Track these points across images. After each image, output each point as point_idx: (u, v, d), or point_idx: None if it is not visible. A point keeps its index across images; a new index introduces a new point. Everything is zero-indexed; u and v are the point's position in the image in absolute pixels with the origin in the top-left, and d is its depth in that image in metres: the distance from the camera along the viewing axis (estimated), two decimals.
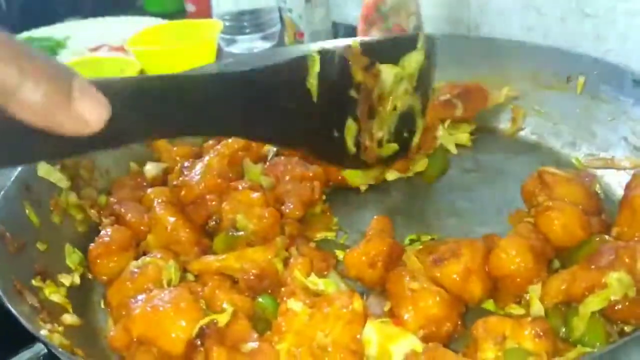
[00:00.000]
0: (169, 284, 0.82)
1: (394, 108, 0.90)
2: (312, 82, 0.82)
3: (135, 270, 0.83)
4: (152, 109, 0.66)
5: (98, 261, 0.89)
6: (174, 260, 0.85)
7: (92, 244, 0.91)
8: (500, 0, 1.48)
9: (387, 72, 0.88)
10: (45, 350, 0.82)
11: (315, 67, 0.82)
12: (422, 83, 0.93)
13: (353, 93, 0.86)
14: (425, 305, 0.73)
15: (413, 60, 0.90)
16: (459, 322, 0.75)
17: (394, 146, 0.93)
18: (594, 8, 1.30)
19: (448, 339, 0.74)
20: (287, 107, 0.81)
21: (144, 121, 0.65)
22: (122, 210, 0.95)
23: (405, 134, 0.95)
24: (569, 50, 1.14)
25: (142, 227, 0.93)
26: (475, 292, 0.78)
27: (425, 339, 0.71)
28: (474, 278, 0.78)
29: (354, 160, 0.91)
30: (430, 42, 0.92)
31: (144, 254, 0.89)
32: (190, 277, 0.86)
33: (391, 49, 0.91)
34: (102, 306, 0.87)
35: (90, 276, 0.91)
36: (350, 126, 0.87)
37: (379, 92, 0.88)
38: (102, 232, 0.91)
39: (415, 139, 0.96)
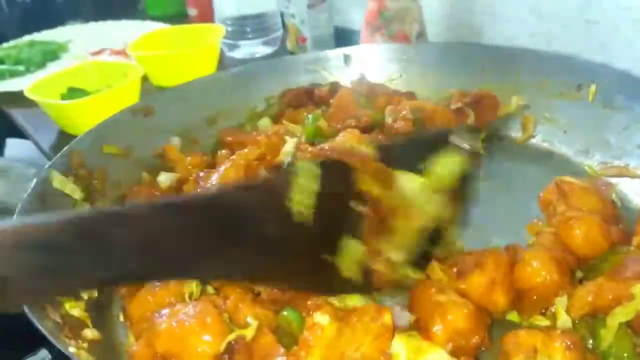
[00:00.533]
0: (190, 298, 0.82)
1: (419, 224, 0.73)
2: (296, 198, 0.67)
3: (157, 283, 0.83)
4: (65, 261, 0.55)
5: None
6: None
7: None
8: (503, 6, 1.49)
9: (408, 181, 0.71)
10: (50, 357, 0.82)
11: (300, 179, 0.67)
12: (459, 193, 0.75)
13: (354, 205, 0.70)
14: (454, 318, 0.73)
15: (446, 168, 0.72)
16: (486, 335, 0.75)
17: (414, 272, 0.77)
18: (596, 15, 1.31)
19: (476, 351, 0.74)
20: (261, 235, 0.67)
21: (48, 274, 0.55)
22: None
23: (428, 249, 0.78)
24: (578, 58, 1.14)
25: None
26: (500, 303, 0.78)
27: (453, 353, 0.71)
28: (498, 289, 0.78)
29: (354, 287, 0.75)
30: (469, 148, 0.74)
31: None
32: (210, 290, 0.85)
33: (415, 150, 0.73)
34: (121, 320, 0.86)
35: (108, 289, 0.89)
36: (351, 247, 0.72)
37: (394, 203, 0.71)
38: None
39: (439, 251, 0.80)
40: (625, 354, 0.70)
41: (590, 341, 0.73)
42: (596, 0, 1.29)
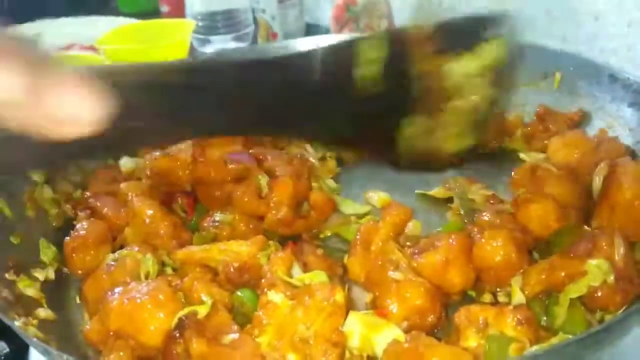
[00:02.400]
0: (146, 277, 0.81)
1: (470, 103, 0.73)
2: (361, 72, 0.68)
3: (112, 263, 0.82)
4: (174, 103, 0.58)
5: (74, 255, 0.87)
6: (152, 254, 0.84)
7: (67, 238, 0.89)
8: (469, 3, 1.50)
9: (462, 63, 0.71)
10: (7, 350, 0.81)
11: (369, 53, 0.68)
12: (505, 74, 0.74)
13: (413, 83, 0.70)
14: (410, 297, 0.73)
15: (493, 49, 0.71)
16: (443, 314, 0.75)
17: (469, 141, 0.75)
18: (560, 10, 1.32)
19: (431, 330, 0.74)
20: (330, 99, 0.69)
21: (163, 118, 0.58)
22: (98, 204, 0.94)
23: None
24: (545, 47, 1.15)
25: (118, 221, 0.92)
26: (455, 281, 0.78)
27: (409, 330, 0.70)
28: (452, 269, 0.78)
29: (414, 162, 0.75)
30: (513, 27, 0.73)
31: (121, 248, 0.87)
32: (168, 271, 0.85)
33: (467, 33, 0.73)
34: (78, 301, 0.85)
35: (65, 271, 0.89)
36: (414, 122, 0.72)
37: (450, 83, 0.72)
38: (78, 226, 0.90)
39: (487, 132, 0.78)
40: (579, 330, 0.70)
41: (545, 318, 0.73)
42: None
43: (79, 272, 0.88)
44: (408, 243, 0.85)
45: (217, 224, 0.90)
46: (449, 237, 0.80)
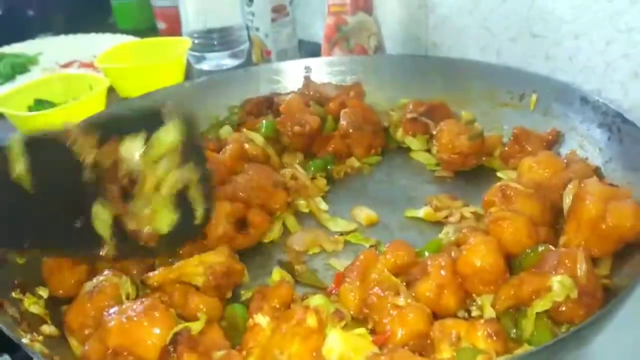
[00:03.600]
0: (127, 299, 0.85)
1: (159, 187, 0.81)
2: (20, 174, 0.75)
3: (92, 289, 0.86)
4: None
5: (51, 277, 0.91)
6: (127, 276, 0.89)
7: (44, 259, 0.92)
8: (455, 21, 1.56)
9: (128, 147, 0.80)
10: None
11: (20, 158, 0.75)
12: (190, 157, 0.82)
13: (89, 176, 0.78)
14: (414, 321, 0.76)
15: (164, 137, 0.80)
16: None
17: (169, 217, 0.84)
18: (541, 29, 1.38)
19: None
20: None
21: None
22: None
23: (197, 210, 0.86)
24: (522, 69, 1.20)
25: None
26: (450, 305, 0.81)
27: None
28: (447, 292, 0.81)
29: (121, 249, 0.84)
30: (186, 116, 0.83)
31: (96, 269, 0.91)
32: (147, 290, 0.89)
33: (131, 123, 0.82)
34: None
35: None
36: (99, 212, 0.80)
37: (127, 170, 0.80)
38: None
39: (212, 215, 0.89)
40: (544, 342, 0.75)
41: (514, 331, 0.78)
42: (541, 15, 1.36)
43: (60, 292, 0.90)
44: None
45: None
46: (436, 262, 0.82)
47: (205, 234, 0.96)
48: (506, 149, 1.14)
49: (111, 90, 1.56)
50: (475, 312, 0.82)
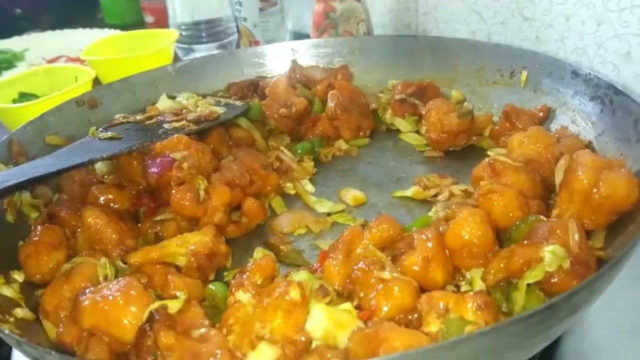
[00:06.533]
0: (105, 280, 0.82)
1: None
2: None
3: (69, 270, 0.83)
4: None
5: (27, 261, 0.88)
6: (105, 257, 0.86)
7: (21, 243, 0.90)
8: (445, 7, 1.54)
9: None
10: None
11: None
12: None
13: None
14: (400, 295, 0.73)
15: None
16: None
17: None
18: (532, 12, 1.36)
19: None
20: None
21: None
22: (57, 207, 0.95)
23: None
24: (511, 46, 1.18)
25: (75, 223, 0.93)
26: (438, 278, 0.78)
27: None
28: (434, 265, 0.78)
29: None
30: None
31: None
32: (126, 270, 0.86)
33: None
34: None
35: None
36: None
37: None
38: (32, 231, 0.91)
39: None
40: None
41: (505, 304, 0.75)
42: None
43: (37, 276, 0.88)
44: None
45: (161, 222, 0.94)
46: (422, 235, 0.79)
47: (198, 219, 0.93)
48: (496, 127, 1.11)
49: (97, 83, 1.53)
50: (464, 288, 0.79)
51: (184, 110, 1.11)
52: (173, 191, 0.93)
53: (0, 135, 1.38)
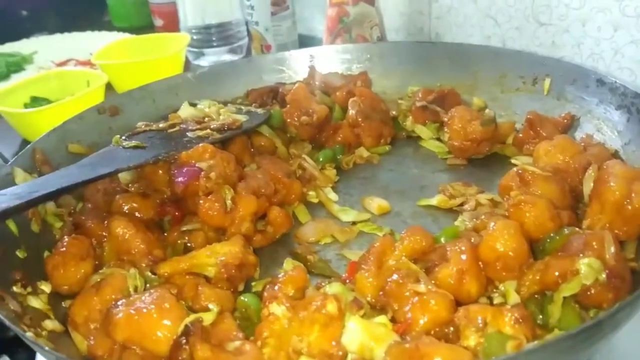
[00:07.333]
0: (135, 291, 0.81)
1: None
2: None
3: (98, 282, 0.82)
4: None
5: (54, 272, 0.87)
6: (135, 268, 0.85)
7: (46, 253, 0.90)
8: (458, 11, 1.53)
9: None
10: None
11: None
12: None
13: None
14: (437, 308, 0.72)
15: None
16: None
17: None
18: (548, 17, 1.35)
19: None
20: None
21: None
22: (83, 217, 0.94)
23: None
24: (533, 53, 1.17)
25: (101, 232, 0.92)
26: (472, 291, 0.77)
27: None
28: (468, 278, 0.77)
29: None
30: None
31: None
32: (155, 281, 0.86)
33: None
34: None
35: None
36: None
37: None
38: (59, 242, 0.90)
39: None
40: (573, 327, 0.71)
41: (540, 317, 0.75)
42: (547, 2, 1.34)
43: (64, 288, 0.87)
44: None
45: (188, 232, 0.94)
46: (456, 247, 0.79)
47: (225, 229, 0.93)
48: (520, 135, 1.11)
49: (109, 88, 1.53)
50: (497, 300, 0.78)
51: (206, 119, 1.11)
52: (201, 201, 0.92)
53: (13, 139, 1.43)
